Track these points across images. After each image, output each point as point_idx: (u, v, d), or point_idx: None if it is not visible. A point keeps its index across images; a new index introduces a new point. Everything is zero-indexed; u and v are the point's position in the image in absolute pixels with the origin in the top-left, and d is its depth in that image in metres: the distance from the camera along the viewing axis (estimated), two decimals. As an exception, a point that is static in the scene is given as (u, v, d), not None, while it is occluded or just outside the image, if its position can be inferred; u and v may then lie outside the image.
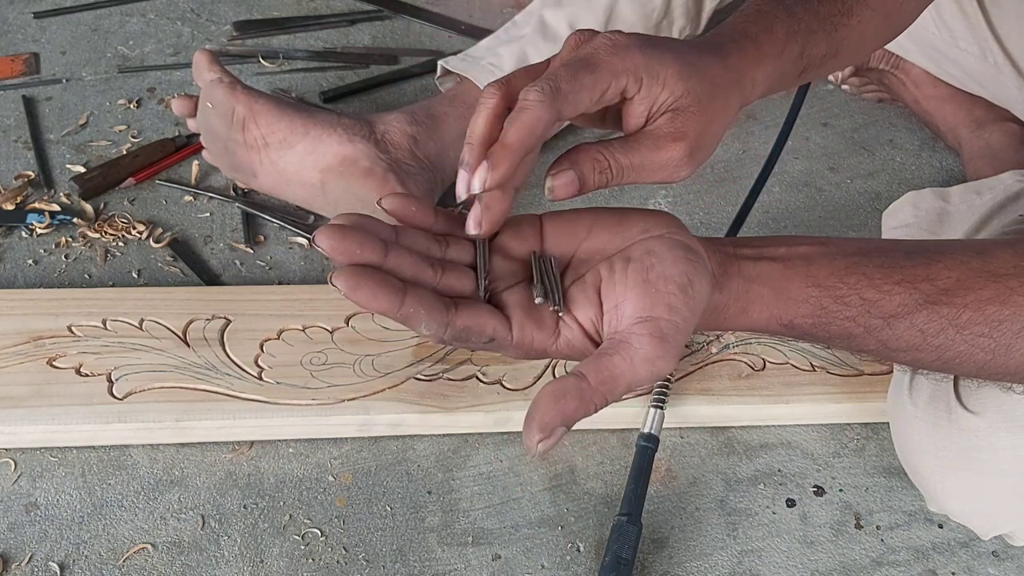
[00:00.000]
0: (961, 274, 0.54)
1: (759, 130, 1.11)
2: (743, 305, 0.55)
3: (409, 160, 0.91)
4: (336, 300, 0.82)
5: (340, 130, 0.89)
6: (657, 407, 0.73)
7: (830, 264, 0.55)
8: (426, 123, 0.94)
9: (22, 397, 0.73)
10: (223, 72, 0.90)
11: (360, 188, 0.88)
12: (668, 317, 0.50)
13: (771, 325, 0.55)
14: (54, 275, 0.88)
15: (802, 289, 0.54)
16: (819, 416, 0.79)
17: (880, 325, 0.54)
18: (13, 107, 1.07)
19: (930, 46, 0.99)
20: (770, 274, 0.55)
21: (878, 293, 0.54)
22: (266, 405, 0.74)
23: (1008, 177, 0.85)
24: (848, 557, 0.71)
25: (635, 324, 0.50)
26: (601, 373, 0.50)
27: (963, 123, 1.04)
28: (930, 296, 0.54)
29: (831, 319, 0.54)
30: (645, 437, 0.72)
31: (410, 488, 0.74)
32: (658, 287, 0.51)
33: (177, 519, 0.70)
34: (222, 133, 0.91)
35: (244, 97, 0.89)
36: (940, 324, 0.54)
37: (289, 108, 0.90)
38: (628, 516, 0.68)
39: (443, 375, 0.77)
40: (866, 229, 0.98)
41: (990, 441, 0.62)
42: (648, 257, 0.52)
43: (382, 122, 0.92)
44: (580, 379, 0.50)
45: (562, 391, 0.50)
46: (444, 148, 0.94)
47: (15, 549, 0.68)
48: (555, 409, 0.49)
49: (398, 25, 1.24)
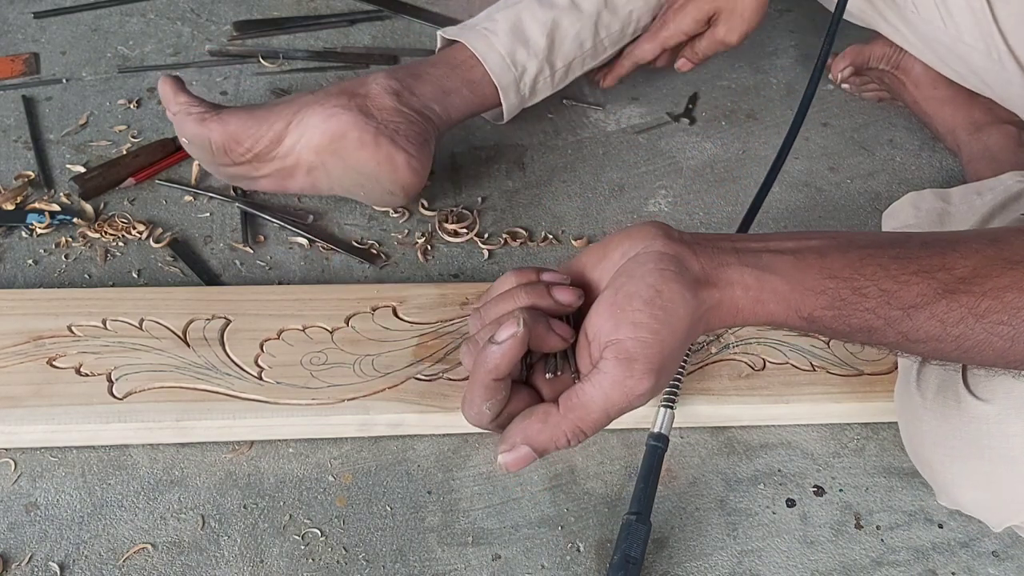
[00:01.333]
0: (977, 262, 0.54)
1: (759, 130, 1.11)
2: (757, 296, 0.54)
3: (395, 117, 0.88)
4: (336, 300, 0.82)
5: (318, 108, 0.87)
6: (667, 407, 0.73)
7: (844, 256, 0.55)
8: (407, 80, 0.92)
9: (22, 397, 0.73)
10: (190, 101, 0.88)
11: (356, 161, 0.87)
12: (633, 335, 0.51)
13: (791, 318, 0.55)
14: (54, 275, 0.88)
15: (818, 281, 0.54)
16: (819, 416, 0.79)
17: (900, 316, 0.54)
18: (13, 107, 1.07)
19: (935, 41, 0.99)
20: (782, 266, 0.54)
21: (896, 284, 0.53)
22: (266, 405, 0.74)
23: (1008, 178, 0.85)
24: (848, 557, 0.71)
25: (605, 349, 0.52)
26: (570, 400, 0.52)
27: (962, 125, 1.04)
28: (948, 285, 0.53)
29: (851, 311, 0.54)
30: (655, 436, 0.72)
31: (410, 488, 0.74)
32: (623, 307, 0.52)
33: (177, 519, 0.70)
34: (207, 161, 0.90)
35: (215, 125, 0.87)
36: (960, 313, 0.53)
37: (262, 112, 0.88)
38: (637, 515, 0.68)
39: (443, 375, 0.77)
40: (866, 229, 0.98)
41: (1000, 428, 0.62)
42: (619, 279, 0.53)
43: (361, 85, 0.90)
44: (551, 405, 0.53)
45: (530, 412, 0.53)
46: (427, 101, 0.92)
47: (15, 549, 0.68)
48: (520, 426, 0.52)
49: (398, 25, 1.24)
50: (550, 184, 1.02)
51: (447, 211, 0.96)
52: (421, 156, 0.89)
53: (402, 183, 0.88)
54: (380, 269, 0.91)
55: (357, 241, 0.93)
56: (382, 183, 0.88)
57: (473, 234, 0.94)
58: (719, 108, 1.13)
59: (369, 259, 0.91)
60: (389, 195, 0.90)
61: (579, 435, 0.52)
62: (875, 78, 1.13)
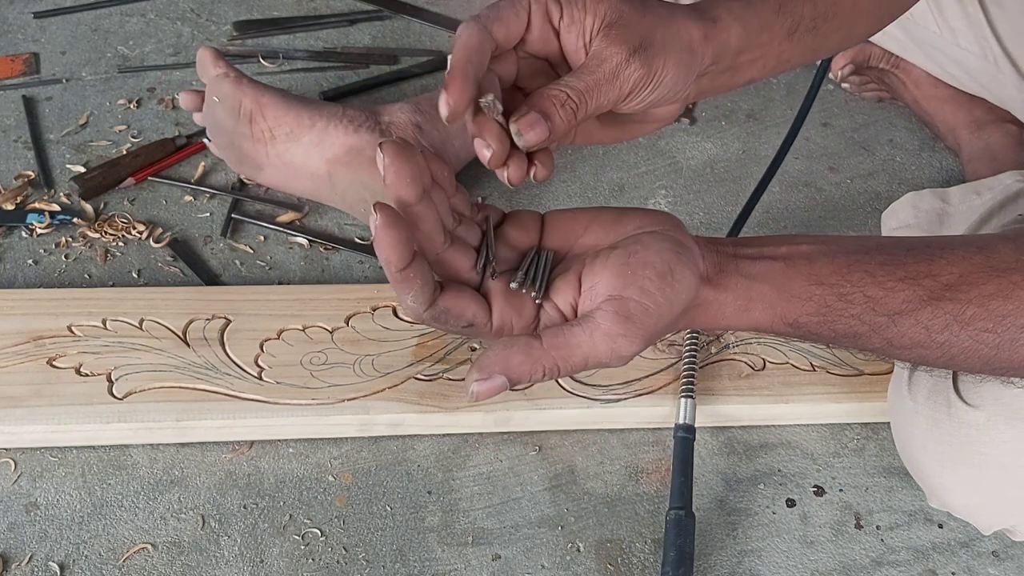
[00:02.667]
0: (963, 269, 0.54)
1: (759, 130, 1.11)
2: (744, 303, 0.55)
3: None
4: (336, 300, 0.82)
5: (345, 121, 0.90)
6: (688, 396, 0.73)
7: (832, 262, 0.55)
8: (430, 112, 0.94)
9: (22, 397, 0.73)
10: (228, 67, 0.90)
11: (367, 178, 0.88)
12: (638, 299, 0.51)
13: (776, 324, 0.55)
14: (54, 275, 0.88)
15: (805, 287, 0.54)
16: (819, 416, 0.79)
17: (885, 323, 0.54)
18: (13, 107, 1.07)
19: (931, 45, 0.99)
20: (771, 273, 0.55)
21: (882, 290, 0.54)
22: (266, 405, 0.74)
23: (1007, 177, 0.85)
24: (848, 557, 0.71)
25: (604, 302, 0.51)
26: (557, 338, 0.51)
27: (962, 124, 1.04)
28: (933, 292, 0.53)
29: (836, 317, 0.54)
30: (683, 428, 0.72)
31: (410, 488, 0.74)
32: (635, 271, 0.51)
33: (177, 519, 0.71)
34: (228, 126, 0.91)
35: (250, 90, 0.89)
36: (944, 320, 0.53)
37: (295, 101, 0.91)
38: (682, 509, 0.68)
39: (443, 375, 0.77)
40: (866, 229, 0.98)
41: (990, 435, 0.62)
42: (633, 245, 0.53)
43: (386, 112, 0.93)
44: (533, 338, 0.51)
45: (512, 342, 0.51)
46: (448, 137, 0.94)
47: (15, 549, 0.68)
48: (499, 355, 0.50)
49: (398, 25, 1.24)
50: (550, 184, 1.02)
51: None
52: None
53: None
54: (381, 268, 0.90)
55: (359, 238, 0.93)
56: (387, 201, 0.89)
57: (473, 234, 0.94)
58: (719, 108, 1.13)
59: (373, 254, 0.91)
60: None
61: (554, 372, 0.51)
62: (875, 77, 1.13)
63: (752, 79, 0.61)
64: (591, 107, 0.53)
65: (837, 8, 0.62)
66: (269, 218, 0.94)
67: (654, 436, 0.78)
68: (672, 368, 0.78)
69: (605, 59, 0.52)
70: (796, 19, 0.59)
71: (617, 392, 0.77)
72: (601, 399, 0.76)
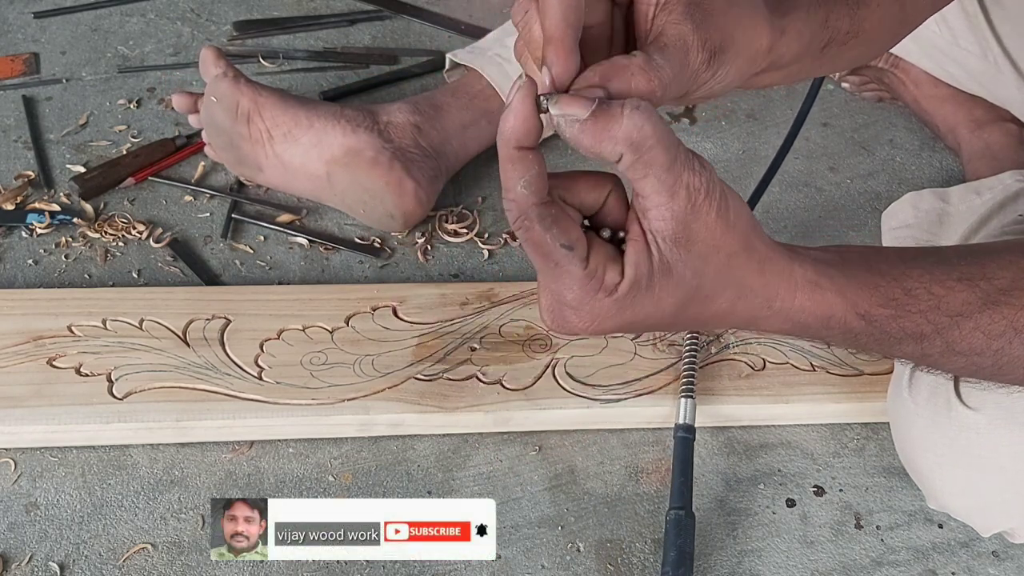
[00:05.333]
0: (1014, 274, 0.53)
1: (759, 130, 1.10)
2: (815, 279, 0.51)
3: (413, 148, 0.91)
4: (336, 300, 0.82)
5: (344, 121, 0.90)
6: (688, 396, 0.73)
7: (886, 260, 0.53)
8: (429, 112, 0.94)
9: (22, 397, 0.73)
10: (228, 67, 0.90)
11: (366, 178, 0.88)
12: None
13: (847, 316, 0.52)
14: (54, 275, 0.88)
15: (868, 277, 0.52)
16: (819, 416, 0.79)
17: (948, 324, 0.52)
18: (13, 107, 1.07)
19: (931, 45, 0.99)
20: (834, 260, 0.52)
21: (943, 288, 0.52)
22: (266, 405, 0.74)
23: (1007, 177, 0.85)
24: (848, 557, 0.71)
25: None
26: None
27: (963, 123, 1.04)
28: (990, 295, 0.52)
29: (904, 313, 0.52)
30: (683, 428, 0.72)
31: (410, 488, 0.74)
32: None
33: (177, 519, 0.70)
34: (226, 127, 0.91)
35: (248, 90, 0.89)
36: (1002, 326, 0.52)
37: (293, 101, 0.91)
38: (682, 509, 0.68)
39: (443, 375, 0.77)
40: (866, 229, 0.98)
41: (990, 438, 0.62)
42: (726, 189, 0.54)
43: (385, 112, 0.93)
44: None
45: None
46: (447, 137, 0.94)
47: (15, 549, 0.68)
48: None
49: (398, 25, 1.24)
50: (550, 184, 1.02)
51: (447, 211, 0.96)
52: (428, 189, 0.91)
53: (404, 209, 0.89)
54: (382, 268, 0.91)
55: (359, 238, 0.93)
56: (385, 204, 0.89)
57: (473, 234, 0.94)
58: (719, 108, 1.13)
59: (373, 253, 0.91)
60: (389, 218, 0.91)
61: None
62: (874, 77, 1.13)
63: (770, 85, 0.59)
64: (663, 102, 0.50)
65: (867, 24, 0.59)
66: (269, 218, 0.95)
67: (654, 436, 0.78)
68: (672, 368, 0.78)
69: (690, 60, 0.49)
70: (833, 33, 0.57)
71: (617, 392, 0.77)
72: (601, 399, 0.76)
